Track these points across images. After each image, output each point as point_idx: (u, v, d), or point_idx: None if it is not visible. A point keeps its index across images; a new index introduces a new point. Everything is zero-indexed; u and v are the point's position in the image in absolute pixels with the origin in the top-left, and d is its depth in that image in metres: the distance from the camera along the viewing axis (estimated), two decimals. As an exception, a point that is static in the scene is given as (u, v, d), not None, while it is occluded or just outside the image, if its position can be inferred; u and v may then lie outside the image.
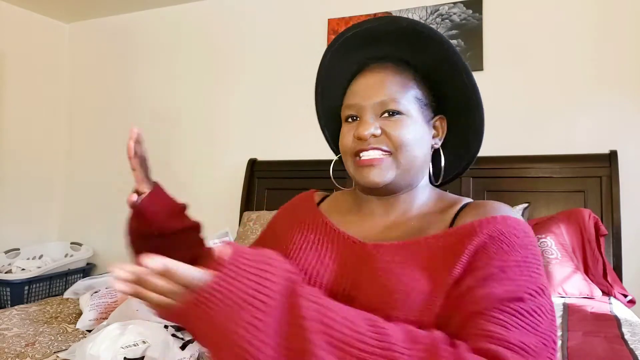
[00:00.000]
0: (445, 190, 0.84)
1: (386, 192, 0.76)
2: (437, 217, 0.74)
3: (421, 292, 0.63)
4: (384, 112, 0.74)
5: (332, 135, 0.91)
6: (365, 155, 0.73)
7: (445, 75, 0.77)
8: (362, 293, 0.67)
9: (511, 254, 0.63)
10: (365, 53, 0.80)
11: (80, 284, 1.76)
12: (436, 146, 0.80)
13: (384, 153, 0.73)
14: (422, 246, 0.68)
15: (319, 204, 0.87)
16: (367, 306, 0.62)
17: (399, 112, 0.73)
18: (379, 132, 0.73)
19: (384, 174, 0.73)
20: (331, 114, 0.88)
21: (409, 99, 0.75)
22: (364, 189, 0.78)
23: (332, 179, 0.90)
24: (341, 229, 0.78)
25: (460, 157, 0.83)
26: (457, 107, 0.79)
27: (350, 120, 0.77)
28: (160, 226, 0.83)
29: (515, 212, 0.71)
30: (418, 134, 0.74)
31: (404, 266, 0.66)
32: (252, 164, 2.83)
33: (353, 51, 0.80)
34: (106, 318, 1.51)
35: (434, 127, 0.79)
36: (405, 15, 2.58)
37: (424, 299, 0.63)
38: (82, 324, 1.54)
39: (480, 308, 0.59)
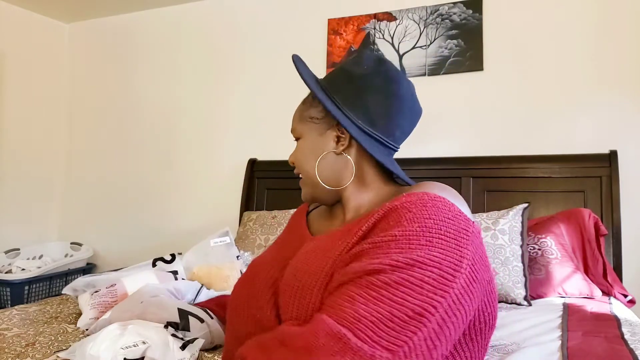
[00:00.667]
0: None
1: (325, 203, 0.86)
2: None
3: (310, 273, 0.67)
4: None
5: None
6: None
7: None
8: (283, 279, 0.74)
9: (394, 228, 0.61)
10: None
11: (80, 280, 1.75)
12: (341, 149, 0.81)
13: (300, 175, 0.86)
14: (337, 233, 0.72)
15: (311, 211, 0.97)
16: (284, 290, 0.71)
17: (298, 138, 0.86)
18: (293, 159, 0.87)
19: (303, 192, 0.87)
20: None
21: (304, 122, 0.84)
22: None
23: None
24: (311, 229, 0.87)
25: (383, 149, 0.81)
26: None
27: None
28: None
29: (442, 189, 0.68)
30: (309, 149, 0.83)
31: (312, 252, 0.72)
32: (252, 164, 2.83)
33: None
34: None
35: (339, 134, 0.81)
36: (405, 15, 2.59)
37: (314, 280, 0.66)
38: (83, 323, 1.54)
39: (340, 282, 0.60)
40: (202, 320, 1.32)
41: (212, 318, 1.34)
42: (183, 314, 1.31)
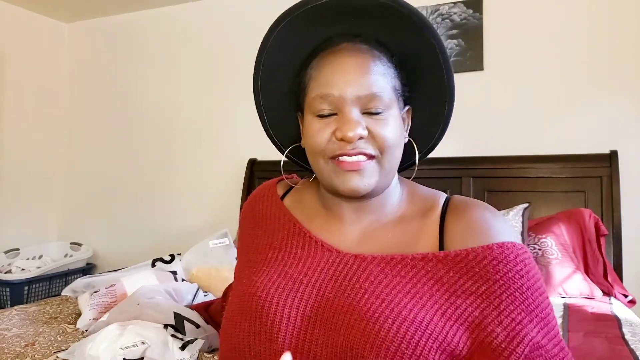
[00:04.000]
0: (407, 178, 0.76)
1: (360, 197, 0.67)
2: (418, 224, 0.67)
3: (415, 324, 0.57)
4: (367, 108, 0.63)
5: (272, 123, 0.80)
6: (349, 160, 0.63)
7: (425, 63, 0.68)
8: (344, 324, 0.59)
9: (527, 311, 0.58)
10: (333, 29, 0.68)
11: (80, 281, 1.75)
12: (405, 140, 0.70)
13: (367, 157, 0.63)
14: (408, 266, 0.61)
15: (282, 197, 0.78)
16: (350, 340, 0.57)
17: (383, 109, 0.64)
18: (365, 132, 0.63)
19: (366, 180, 0.63)
20: (274, 99, 0.77)
21: (390, 91, 0.65)
22: (337, 193, 0.67)
23: (286, 179, 0.81)
24: (312, 232, 0.69)
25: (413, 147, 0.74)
26: (427, 97, 0.70)
27: (323, 114, 0.65)
28: None
29: (502, 224, 0.65)
30: (398, 131, 0.66)
31: (392, 291, 0.59)
32: (252, 164, 2.83)
33: (318, 25, 0.68)
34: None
35: (403, 119, 0.69)
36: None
37: (418, 334, 0.57)
38: (82, 323, 1.54)
39: None
40: (197, 326, 1.31)
41: (207, 323, 1.34)
42: (179, 318, 1.31)
